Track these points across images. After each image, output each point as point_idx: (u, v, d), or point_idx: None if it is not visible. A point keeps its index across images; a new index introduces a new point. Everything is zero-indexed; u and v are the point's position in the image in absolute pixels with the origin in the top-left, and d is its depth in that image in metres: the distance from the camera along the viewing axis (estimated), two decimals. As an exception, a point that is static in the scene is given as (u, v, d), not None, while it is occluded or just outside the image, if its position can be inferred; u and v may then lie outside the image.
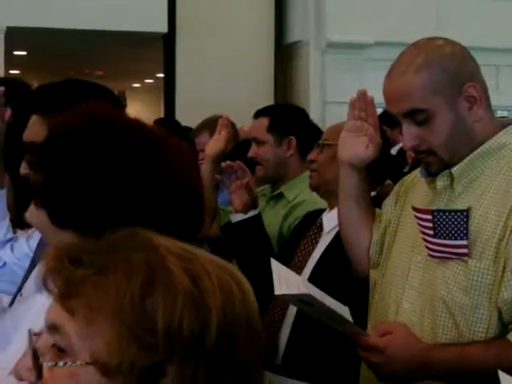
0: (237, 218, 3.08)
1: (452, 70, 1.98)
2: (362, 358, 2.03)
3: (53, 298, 1.00)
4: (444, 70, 1.97)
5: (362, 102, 2.24)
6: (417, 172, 2.21)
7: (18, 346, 1.46)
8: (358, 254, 2.30)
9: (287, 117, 3.45)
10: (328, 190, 2.75)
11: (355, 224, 2.31)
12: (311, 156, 2.84)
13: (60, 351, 0.98)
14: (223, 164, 3.17)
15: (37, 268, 1.91)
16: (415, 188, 2.19)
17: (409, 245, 2.10)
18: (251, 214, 3.06)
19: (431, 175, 2.06)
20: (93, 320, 0.96)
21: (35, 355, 0.99)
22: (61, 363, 0.97)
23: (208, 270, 1.00)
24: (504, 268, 1.87)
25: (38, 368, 0.99)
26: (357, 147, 2.25)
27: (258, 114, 3.49)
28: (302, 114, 3.55)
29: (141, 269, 0.97)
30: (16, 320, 1.64)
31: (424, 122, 1.98)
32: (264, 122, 3.40)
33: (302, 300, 1.99)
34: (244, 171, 3.10)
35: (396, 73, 2.02)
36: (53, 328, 0.99)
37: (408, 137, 2.01)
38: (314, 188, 2.86)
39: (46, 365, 0.98)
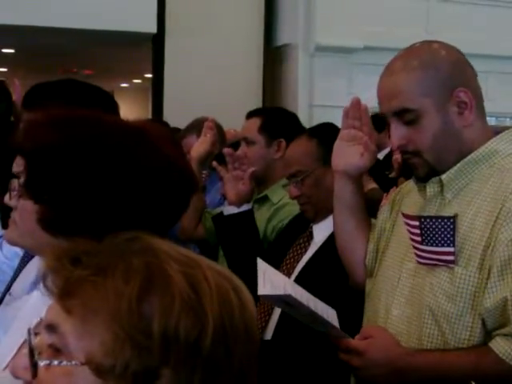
0: (229, 210, 3.07)
1: (444, 73, 1.97)
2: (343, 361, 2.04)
3: (52, 297, 1.00)
4: (436, 73, 1.97)
5: (356, 110, 2.23)
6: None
7: (7, 348, 1.45)
8: (355, 263, 2.29)
9: (279, 119, 3.47)
10: (322, 209, 2.72)
11: (351, 234, 2.29)
12: (294, 193, 2.79)
13: (56, 351, 0.99)
14: (225, 150, 3.15)
15: (26, 268, 1.90)
16: (410, 195, 2.18)
17: (401, 252, 2.09)
18: (244, 208, 3.05)
19: (419, 179, 2.06)
20: (89, 320, 0.96)
21: (31, 354, 0.99)
22: (56, 362, 0.97)
23: (207, 276, 1.01)
24: (488, 276, 1.87)
25: (34, 366, 0.98)
26: (352, 156, 2.23)
27: (251, 114, 3.52)
28: (294, 118, 3.57)
29: (139, 272, 0.98)
30: (5, 322, 1.63)
31: (412, 123, 1.98)
32: (256, 122, 3.42)
33: (284, 301, 1.99)
34: (245, 162, 3.08)
35: (388, 72, 2.02)
36: (50, 327, 0.99)
37: (395, 136, 2.00)
38: (313, 219, 2.81)
39: (41, 363, 0.98)
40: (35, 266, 1.69)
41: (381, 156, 7.01)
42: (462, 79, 1.98)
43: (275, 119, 3.45)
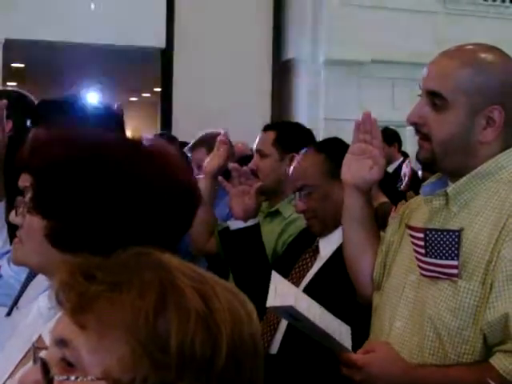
0: (236, 225, 3.06)
1: (492, 85, 1.98)
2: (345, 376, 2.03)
3: (63, 312, 0.99)
4: (485, 80, 1.97)
5: (368, 124, 2.23)
6: None
7: (5, 365, 1.45)
8: (362, 276, 2.28)
9: (294, 134, 3.50)
10: (328, 224, 2.72)
11: (360, 247, 2.28)
12: (300, 207, 2.79)
13: (69, 365, 0.98)
14: (231, 165, 3.15)
15: (33, 282, 1.91)
16: (418, 209, 2.18)
17: (406, 264, 2.09)
18: (250, 222, 3.05)
19: (418, 161, 2.07)
20: (105, 335, 0.96)
21: (45, 368, 0.98)
22: (72, 377, 0.96)
23: (216, 291, 1.01)
24: (490, 291, 1.86)
25: (49, 382, 0.98)
26: (361, 170, 2.23)
27: (267, 127, 3.56)
28: (309, 134, 3.58)
29: (154, 287, 0.98)
30: (4, 337, 1.63)
31: (438, 109, 1.99)
32: (271, 135, 3.46)
33: (289, 313, 1.98)
34: (251, 177, 3.09)
35: (448, 54, 2.04)
36: (61, 342, 0.99)
37: (416, 111, 2.02)
38: (319, 233, 2.80)
39: (58, 379, 0.97)
40: (42, 280, 1.69)
41: (390, 169, 7.02)
42: (505, 100, 1.98)
43: (290, 134, 3.49)
